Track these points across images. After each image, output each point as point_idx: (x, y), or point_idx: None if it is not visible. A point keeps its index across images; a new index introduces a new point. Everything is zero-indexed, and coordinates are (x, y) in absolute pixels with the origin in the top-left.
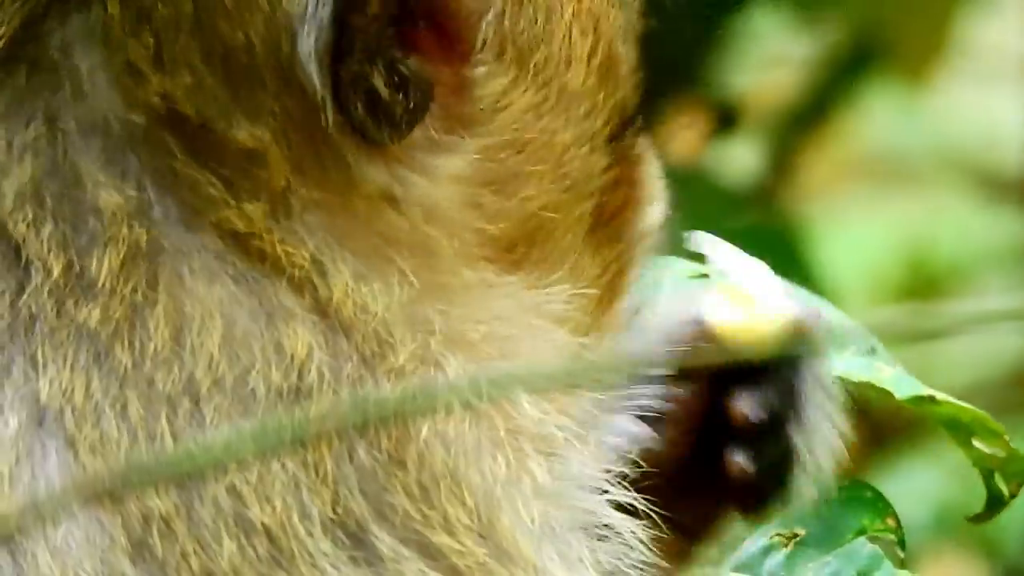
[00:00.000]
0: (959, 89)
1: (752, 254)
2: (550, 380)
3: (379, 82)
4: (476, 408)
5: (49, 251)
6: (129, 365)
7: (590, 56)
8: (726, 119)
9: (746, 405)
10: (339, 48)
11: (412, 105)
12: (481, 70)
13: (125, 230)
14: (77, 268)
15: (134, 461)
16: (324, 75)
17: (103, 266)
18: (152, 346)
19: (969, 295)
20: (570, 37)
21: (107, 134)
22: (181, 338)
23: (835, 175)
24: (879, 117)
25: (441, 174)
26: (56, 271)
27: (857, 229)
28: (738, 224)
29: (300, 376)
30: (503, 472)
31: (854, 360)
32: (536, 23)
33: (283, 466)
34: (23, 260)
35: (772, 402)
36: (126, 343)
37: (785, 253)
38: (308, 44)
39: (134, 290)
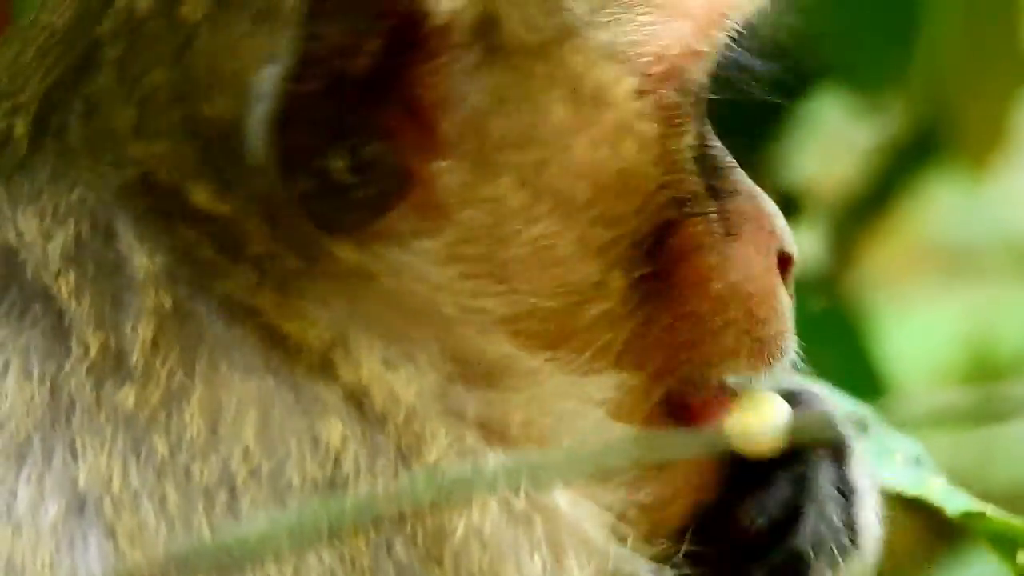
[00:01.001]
0: (1022, 176)
1: (816, 341)
2: (588, 470)
3: (338, 165)
4: (513, 503)
5: (89, 323)
6: (166, 454)
7: (599, 170)
8: (790, 206)
9: (750, 513)
10: (283, 121)
11: (376, 192)
12: (444, 163)
13: (154, 295)
14: (113, 343)
15: (173, 552)
16: (269, 148)
17: (137, 339)
18: (189, 435)
19: None
20: (572, 148)
21: (135, 199)
22: (217, 428)
23: (898, 263)
24: (942, 205)
25: (422, 255)
26: (94, 348)
27: (920, 318)
28: (801, 311)
29: (336, 467)
30: (540, 571)
31: (903, 472)
32: (519, 126)
33: (320, 559)
34: (65, 334)
35: (777, 507)
36: (163, 431)
37: (848, 341)
38: (256, 115)
39: (171, 374)
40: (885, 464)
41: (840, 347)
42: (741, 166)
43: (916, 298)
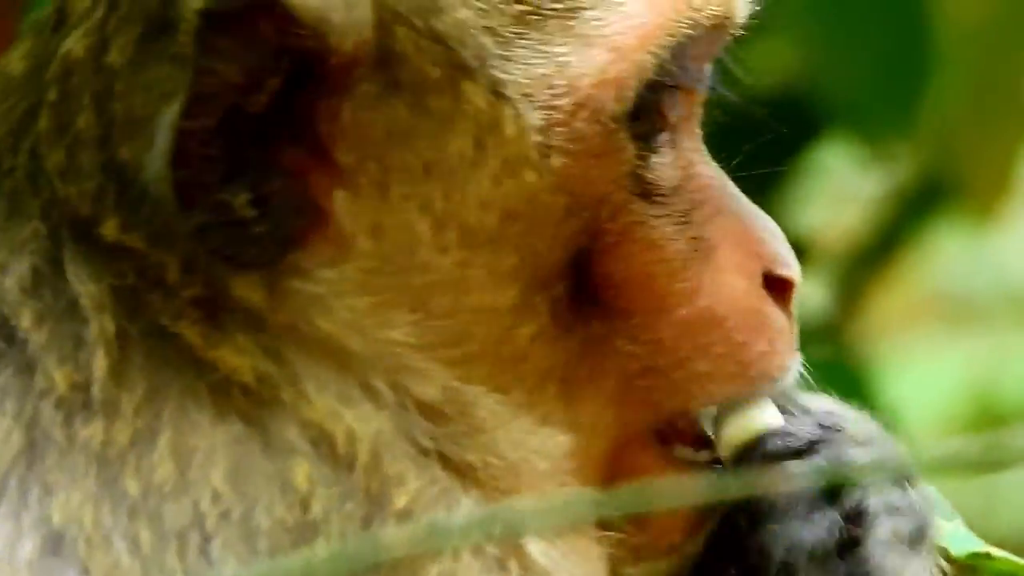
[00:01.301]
0: None
1: (820, 390)
2: (561, 519)
3: (238, 200)
4: (487, 550)
5: (52, 355)
6: (138, 494)
7: (502, 202)
8: (796, 254)
9: (766, 542)
10: (177, 157)
11: (279, 227)
12: (349, 196)
13: (101, 325)
14: (76, 376)
15: None
16: (165, 184)
17: (96, 371)
18: (159, 476)
19: None
20: (473, 180)
21: (73, 234)
22: (187, 470)
23: (903, 312)
24: (947, 254)
25: (334, 289)
26: (60, 382)
27: (925, 367)
28: (806, 359)
29: (305, 510)
30: None
31: None
32: (421, 158)
33: None
34: (31, 367)
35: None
36: (134, 470)
37: (853, 389)
38: (153, 152)
39: (137, 412)
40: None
41: (845, 395)
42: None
43: (921, 347)
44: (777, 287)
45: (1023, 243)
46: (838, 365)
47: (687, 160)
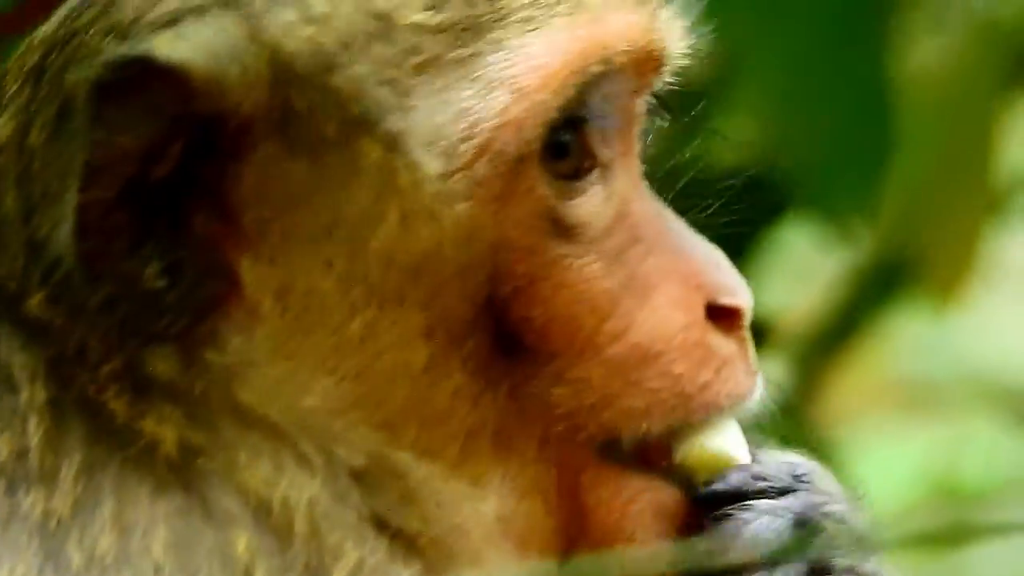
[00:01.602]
0: (988, 309)
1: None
2: None
3: (147, 270)
4: None
5: None
6: (81, 565)
7: (407, 256)
8: (756, 335)
9: None
10: (80, 230)
11: (191, 295)
12: (256, 260)
13: (32, 394)
14: (16, 443)
15: None
16: (72, 258)
17: (32, 439)
18: (100, 548)
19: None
20: (375, 236)
21: (7, 308)
22: (128, 542)
23: (864, 395)
24: (908, 336)
25: (249, 356)
26: (2, 449)
27: (885, 450)
28: (765, 440)
29: None
30: None
31: None
32: (324, 217)
33: None
34: None
35: None
36: (76, 542)
37: None
38: (60, 227)
39: (76, 481)
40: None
41: None
42: None
43: (881, 430)
44: (724, 316)
45: (984, 326)
46: (798, 447)
47: (623, 196)
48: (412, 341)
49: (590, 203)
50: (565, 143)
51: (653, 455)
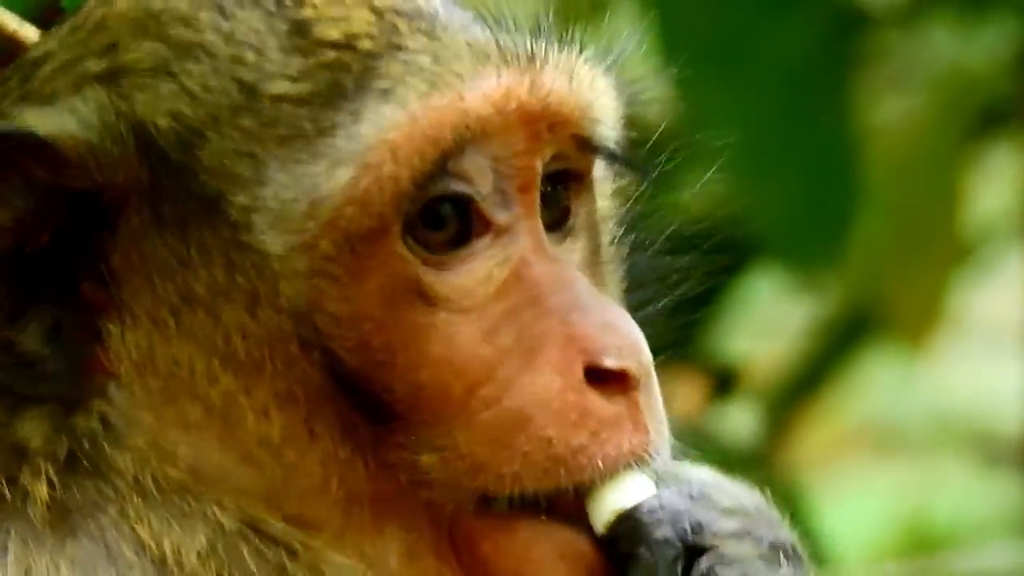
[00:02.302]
0: (956, 357)
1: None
2: None
3: (27, 339)
4: None
5: None
6: None
7: (258, 330)
8: (725, 383)
9: None
10: None
11: (68, 362)
12: (127, 329)
13: None
14: None
15: None
16: None
17: None
18: None
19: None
20: (229, 310)
21: None
22: None
23: (832, 441)
24: (876, 384)
25: (119, 422)
26: None
27: (855, 495)
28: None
29: None
30: None
31: None
32: (184, 289)
33: None
34: None
35: None
36: None
37: (783, 518)
38: None
39: None
40: None
41: None
42: (674, 342)
43: (850, 475)
44: (609, 379)
45: (950, 372)
46: (768, 493)
47: (519, 260)
48: (269, 411)
49: (476, 269)
50: (440, 213)
51: (561, 503)
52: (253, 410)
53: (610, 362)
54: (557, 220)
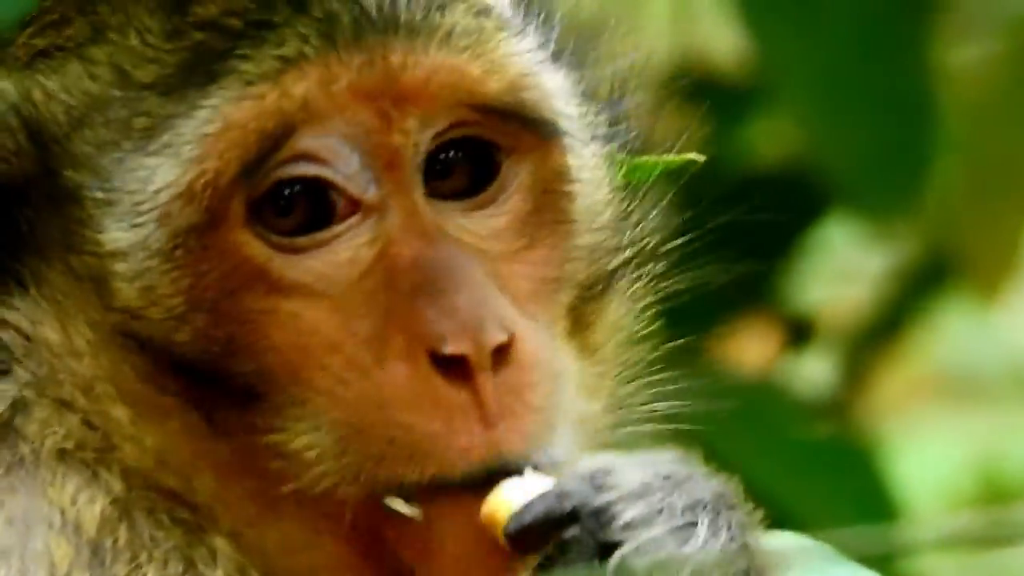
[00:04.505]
0: None
1: (825, 467)
2: None
3: None
4: None
5: None
6: None
7: (104, 317)
8: (799, 333)
9: None
10: None
11: None
12: (23, 301)
13: None
14: None
15: None
16: None
17: None
18: None
19: None
20: (87, 295)
21: None
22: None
23: (908, 390)
24: (952, 332)
25: (15, 397)
26: None
27: (929, 444)
28: (810, 437)
29: None
30: None
31: None
32: (58, 270)
33: None
34: None
35: None
36: None
37: (858, 467)
38: None
39: None
40: None
41: (850, 473)
42: (748, 292)
43: (925, 424)
44: (454, 365)
45: None
46: (843, 442)
47: (386, 239)
48: (117, 399)
49: (338, 252)
50: (288, 197)
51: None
52: (108, 396)
53: (447, 348)
54: (467, 188)
